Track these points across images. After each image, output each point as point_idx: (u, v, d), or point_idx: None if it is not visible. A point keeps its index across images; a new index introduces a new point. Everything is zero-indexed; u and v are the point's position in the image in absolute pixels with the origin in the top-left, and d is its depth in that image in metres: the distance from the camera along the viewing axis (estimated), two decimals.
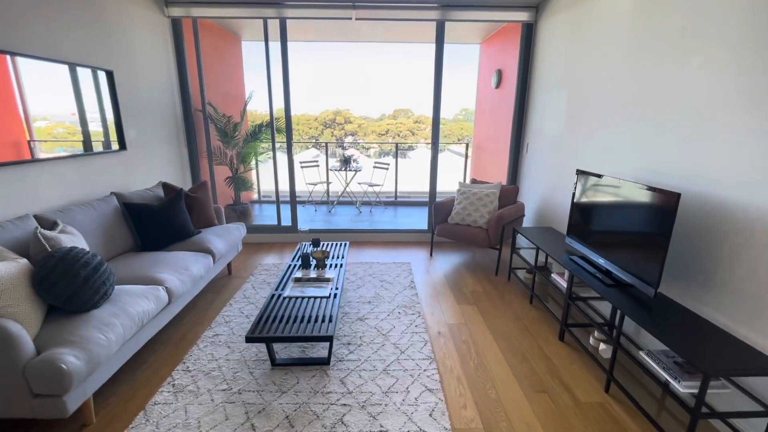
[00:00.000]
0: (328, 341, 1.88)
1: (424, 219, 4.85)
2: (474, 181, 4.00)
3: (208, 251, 2.74)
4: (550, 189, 3.41)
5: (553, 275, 2.67)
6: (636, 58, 2.33)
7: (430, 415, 1.79)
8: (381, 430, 1.68)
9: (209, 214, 3.16)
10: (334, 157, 7.16)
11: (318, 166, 5.90)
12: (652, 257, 1.87)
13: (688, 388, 1.56)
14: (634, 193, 2.05)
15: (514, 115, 3.99)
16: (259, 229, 4.26)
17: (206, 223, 3.12)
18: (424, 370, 2.11)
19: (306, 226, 4.30)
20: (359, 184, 5.84)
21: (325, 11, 3.55)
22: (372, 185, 5.74)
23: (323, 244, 3.12)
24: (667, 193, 1.82)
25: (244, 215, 4.65)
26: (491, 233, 3.32)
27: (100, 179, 2.74)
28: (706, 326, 1.70)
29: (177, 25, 3.66)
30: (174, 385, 1.97)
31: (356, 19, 3.59)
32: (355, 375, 2.06)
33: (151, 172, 3.33)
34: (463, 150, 6.44)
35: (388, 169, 5.82)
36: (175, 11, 3.53)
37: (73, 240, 1.94)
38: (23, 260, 1.67)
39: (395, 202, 6.27)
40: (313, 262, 2.71)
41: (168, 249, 2.70)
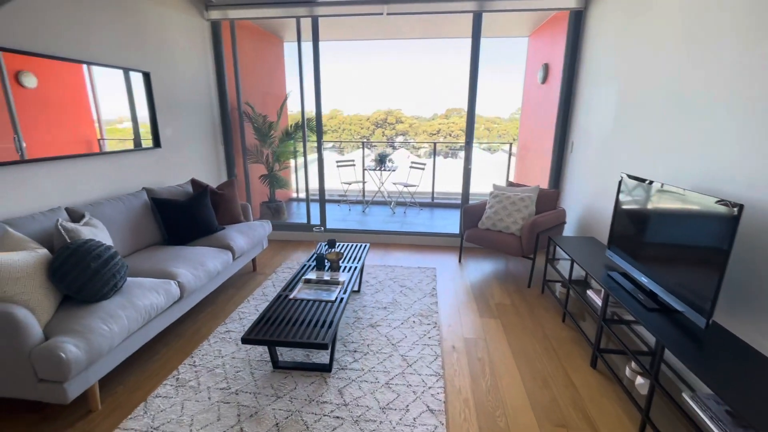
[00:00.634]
0: (325, 349, 1.79)
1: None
2: (511, 184, 3.71)
3: (228, 247, 2.79)
4: (594, 194, 3.05)
5: (590, 292, 2.36)
6: (697, 46, 1.97)
7: None
8: None
9: (235, 211, 3.23)
10: (373, 153, 7.09)
11: (354, 165, 5.88)
12: (706, 279, 1.55)
13: None
14: (687, 202, 1.73)
15: (559, 111, 3.64)
16: (288, 227, 4.31)
17: (232, 219, 3.20)
18: (429, 388, 1.95)
19: (335, 225, 4.28)
20: (394, 184, 5.73)
21: (356, 7, 3.48)
22: (407, 186, 5.60)
23: (341, 245, 3.06)
24: (726, 204, 1.50)
25: (278, 212, 4.74)
26: (524, 241, 3.04)
27: (135, 175, 2.90)
28: None
29: (216, 28, 3.80)
30: (178, 379, 2.00)
31: (388, 14, 3.48)
32: (355, 386, 1.95)
33: (187, 169, 3.49)
34: (509, 150, 6.08)
35: (424, 169, 5.64)
36: (214, 14, 3.66)
37: (93, 232, 2.04)
38: (43, 250, 1.78)
39: (432, 203, 6.08)
40: (327, 263, 2.65)
41: (191, 244, 2.79)
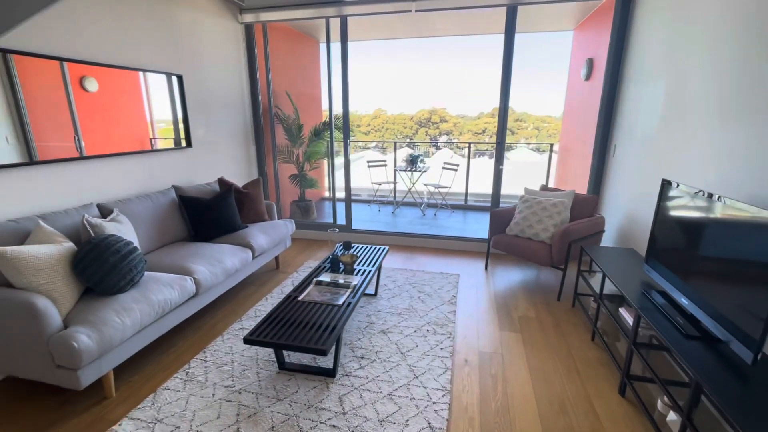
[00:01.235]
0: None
1: None
2: (544, 188, 3.48)
3: (248, 246, 2.84)
4: (636, 201, 2.76)
5: (622, 310, 2.13)
6: (757, 42, 1.69)
7: None
8: None
9: (259, 210, 3.30)
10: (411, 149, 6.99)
11: (386, 165, 5.83)
12: (754, 306, 1.32)
13: None
14: (736, 215, 1.49)
15: (600, 110, 3.34)
16: (314, 226, 4.35)
17: (255, 218, 3.27)
18: (434, 403, 1.84)
19: (364, 226, 4.25)
20: (425, 185, 5.61)
21: (384, 5, 3.42)
22: (438, 187, 5.45)
23: (360, 247, 3.01)
24: None
25: (307, 211, 4.81)
26: (555, 250, 2.82)
27: (167, 173, 3.05)
28: None
29: (249, 31, 3.91)
30: (187, 373, 2.05)
31: (416, 11, 3.39)
32: (356, 394, 1.90)
33: (217, 168, 3.62)
34: (550, 151, 5.73)
35: (456, 170, 5.47)
36: (247, 17, 3.77)
37: (117, 228, 2.16)
38: (69, 244, 1.90)
39: (465, 206, 5.88)
40: (342, 265, 2.61)
41: (214, 241, 2.88)
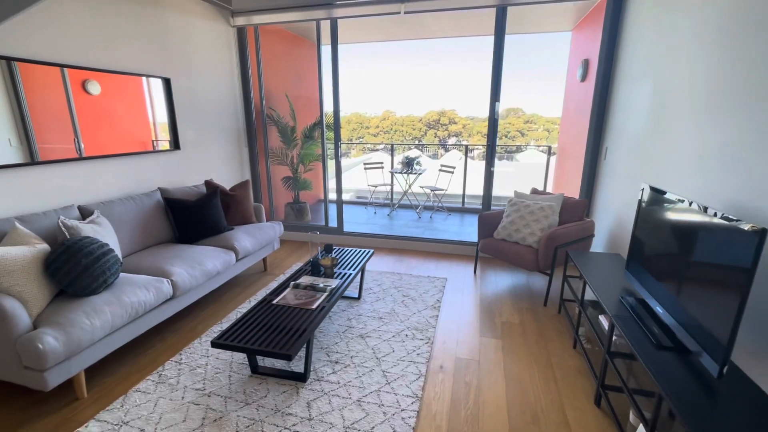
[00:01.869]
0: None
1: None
2: (535, 191, 3.42)
3: (231, 248, 2.85)
4: (624, 206, 2.70)
5: (602, 318, 2.07)
6: (740, 42, 1.63)
7: None
8: None
9: (247, 212, 3.31)
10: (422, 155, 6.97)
11: (383, 167, 5.81)
12: (722, 317, 1.27)
13: None
14: (707, 222, 1.43)
15: (593, 111, 3.28)
16: (307, 229, 4.35)
17: (242, 220, 3.27)
18: (402, 410, 1.81)
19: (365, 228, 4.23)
20: (421, 187, 5.57)
21: (373, 7, 3.41)
22: (434, 190, 5.41)
23: (346, 250, 3.00)
24: (740, 228, 1.21)
25: (301, 213, 4.82)
26: (541, 254, 2.77)
27: (154, 175, 3.07)
28: None
29: (242, 34, 3.93)
30: (160, 375, 2.06)
31: (405, 13, 3.37)
32: (325, 400, 1.88)
33: (208, 170, 3.64)
34: (548, 154, 5.64)
35: (453, 173, 5.42)
36: (239, 21, 3.79)
37: (95, 230, 2.18)
38: (43, 245, 1.92)
39: (462, 208, 5.82)
40: (322, 269, 2.60)
41: (199, 243, 2.89)
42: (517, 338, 2.43)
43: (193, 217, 2.89)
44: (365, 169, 5.72)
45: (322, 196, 6.14)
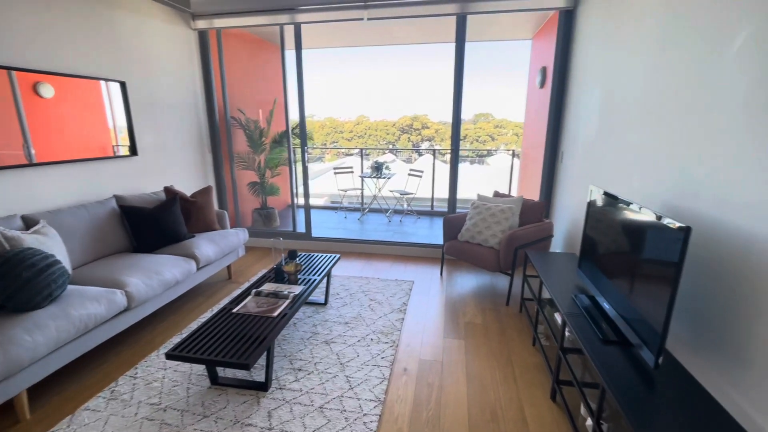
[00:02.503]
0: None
1: None
2: (497, 194, 3.52)
3: (192, 256, 2.77)
4: (579, 207, 2.82)
5: (558, 315, 2.15)
6: (668, 44, 1.76)
7: None
8: None
9: (209, 219, 3.22)
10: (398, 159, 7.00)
11: (352, 172, 5.81)
12: (656, 311, 1.35)
13: None
14: (642, 222, 1.53)
15: (549, 117, 3.42)
16: (273, 234, 4.28)
17: (205, 227, 3.19)
18: (364, 415, 1.81)
19: (325, 233, 4.21)
20: (391, 191, 5.62)
21: (337, 13, 3.43)
22: (403, 194, 5.47)
23: (310, 256, 2.97)
24: (669, 227, 1.30)
25: (269, 219, 4.74)
26: (502, 255, 2.85)
27: (110, 182, 2.95)
28: (725, 422, 1.15)
29: (204, 37, 3.85)
30: (112, 392, 1.97)
31: (368, 19, 3.40)
32: (287, 408, 1.85)
33: (169, 177, 3.53)
34: (512, 158, 5.83)
35: (422, 177, 5.50)
36: (201, 24, 3.71)
37: (40, 240, 2.06)
38: None
39: (432, 212, 5.91)
40: (286, 275, 2.57)
41: (158, 252, 2.79)
42: (479, 338, 2.48)
43: (152, 225, 2.79)
44: (335, 173, 5.70)
45: (291, 201, 6.09)
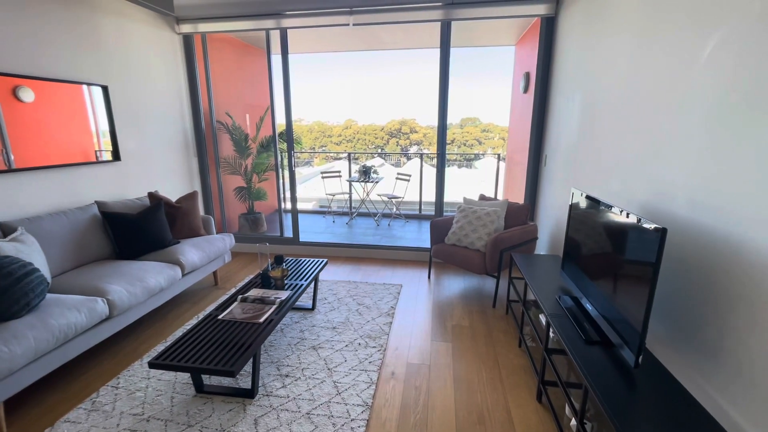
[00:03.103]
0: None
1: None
2: (483, 198, 3.56)
3: (177, 262, 2.73)
4: (562, 209, 2.88)
5: (542, 317, 2.19)
6: (644, 50, 1.81)
7: None
8: None
9: (194, 224, 3.19)
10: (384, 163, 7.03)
11: (340, 176, 5.81)
12: (635, 311, 1.39)
13: None
14: (621, 223, 1.57)
15: (533, 122, 3.48)
16: (260, 240, 4.25)
17: (190, 233, 3.15)
18: (352, 420, 1.81)
19: (314, 238, 4.20)
20: (379, 195, 5.63)
21: (323, 18, 3.44)
22: (392, 197, 5.49)
23: (293, 261, 2.96)
24: (646, 228, 1.34)
25: (256, 224, 4.70)
26: (488, 258, 2.88)
27: (91, 188, 2.89)
28: (702, 418, 1.18)
29: (188, 41, 3.82)
30: (94, 403, 1.92)
31: (354, 25, 3.42)
32: (273, 415, 1.83)
33: (153, 182, 3.48)
34: (497, 161, 5.90)
35: (409, 180, 5.53)
36: (185, 28, 3.68)
37: (18, 248, 2.01)
38: None
39: (420, 215, 5.94)
40: (272, 280, 2.55)
41: (141, 258, 2.75)
42: (466, 341, 2.50)
43: (135, 232, 2.74)
44: (323, 178, 5.69)
45: (278, 206, 6.05)
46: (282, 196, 4.42)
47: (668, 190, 1.60)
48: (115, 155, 3.07)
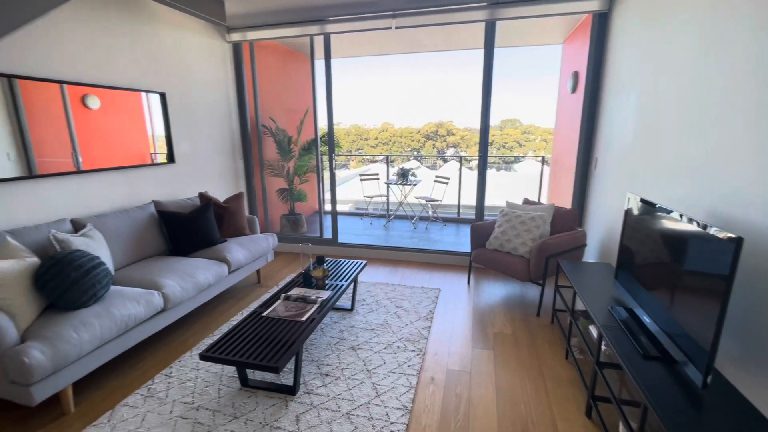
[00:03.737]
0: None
1: None
2: (527, 201, 3.44)
3: (224, 260, 2.85)
4: (614, 215, 2.71)
5: (592, 328, 2.07)
6: (715, 53, 1.68)
7: None
8: None
9: (240, 224, 3.32)
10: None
11: (378, 179, 5.84)
12: (705, 325, 1.28)
13: None
14: (687, 231, 1.45)
15: (582, 123, 3.32)
16: (302, 240, 4.35)
17: (236, 232, 3.29)
18: (391, 423, 1.80)
19: (353, 239, 4.25)
20: (416, 198, 5.60)
21: (365, 23, 3.48)
22: (429, 200, 5.44)
23: (334, 261, 3.00)
24: (717, 237, 1.22)
25: (297, 225, 4.83)
26: (533, 264, 2.77)
27: (149, 188, 3.10)
28: None
29: (237, 49, 4.00)
30: (149, 389, 2.04)
31: (396, 28, 3.44)
32: (314, 413, 1.86)
33: (202, 183, 3.67)
34: (541, 164, 5.69)
35: (448, 183, 5.45)
36: (235, 37, 3.86)
37: (87, 243, 2.19)
38: (33, 259, 1.93)
39: (458, 219, 5.84)
40: (314, 280, 2.60)
41: (192, 255, 2.90)
42: (509, 349, 2.42)
43: (187, 230, 2.90)
44: (361, 180, 5.75)
45: (318, 207, 6.18)
46: (321, 197, 4.51)
47: (741, 195, 1.47)
48: (170, 158, 3.27)
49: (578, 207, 3.47)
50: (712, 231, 1.29)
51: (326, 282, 2.61)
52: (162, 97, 3.13)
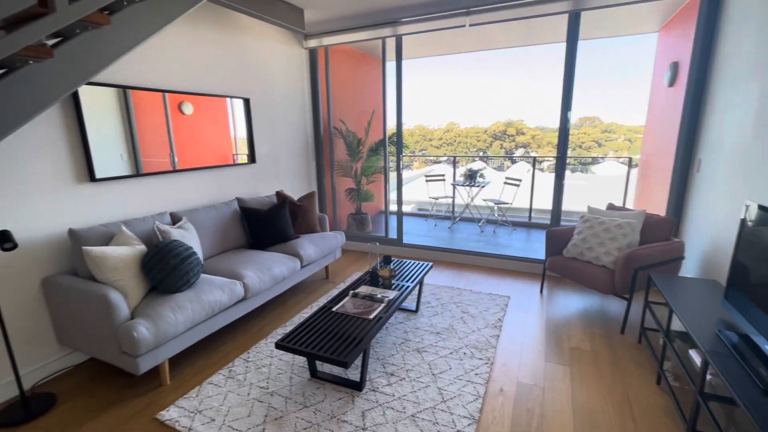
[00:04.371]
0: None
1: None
2: (611, 207, 3.14)
3: (297, 255, 3.01)
4: (722, 225, 2.36)
5: (693, 352, 1.82)
6: None
7: None
8: None
9: (312, 222, 3.48)
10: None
11: (444, 180, 5.75)
12: None
13: None
14: None
15: (683, 119, 2.94)
16: (368, 239, 4.44)
17: (308, 229, 3.45)
18: (458, 431, 1.75)
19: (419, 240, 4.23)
20: (484, 200, 5.40)
21: (438, 22, 3.44)
22: (498, 203, 5.22)
23: (400, 262, 3.00)
24: None
25: (363, 224, 4.94)
26: (617, 276, 2.52)
27: (234, 186, 3.38)
28: None
29: (313, 54, 4.20)
30: (230, 371, 2.22)
31: (470, 26, 3.35)
32: (379, 411, 1.88)
33: (279, 182, 3.91)
34: (628, 166, 5.15)
35: (519, 185, 5.18)
36: (311, 42, 4.06)
37: (182, 234, 2.44)
38: (141, 246, 2.20)
39: (529, 223, 5.53)
40: (381, 279, 2.63)
41: (268, 249, 3.10)
42: (588, 366, 2.22)
43: (265, 225, 3.11)
44: (426, 181, 5.71)
45: (383, 207, 6.26)
46: (387, 197, 4.55)
47: None
48: (251, 158, 3.53)
49: (674, 214, 3.08)
50: None
51: (392, 282, 2.62)
52: (246, 102, 3.40)
